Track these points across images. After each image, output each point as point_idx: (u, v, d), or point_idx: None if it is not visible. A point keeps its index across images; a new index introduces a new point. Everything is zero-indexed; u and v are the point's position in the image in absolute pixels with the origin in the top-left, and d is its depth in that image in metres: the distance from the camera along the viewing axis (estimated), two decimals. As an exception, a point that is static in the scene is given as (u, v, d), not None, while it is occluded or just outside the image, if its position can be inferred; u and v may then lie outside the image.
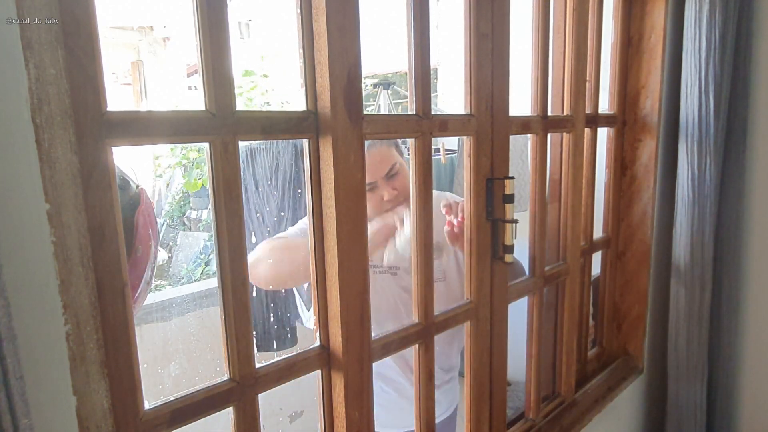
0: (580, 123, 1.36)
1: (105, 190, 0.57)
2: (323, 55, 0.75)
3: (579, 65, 1.33)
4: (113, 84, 7.89)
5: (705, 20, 1.53)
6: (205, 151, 0.67)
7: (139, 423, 0.62)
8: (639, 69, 1.65)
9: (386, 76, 5.39)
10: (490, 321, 1.12)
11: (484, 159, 1.05)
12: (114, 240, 0.58)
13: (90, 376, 0.56)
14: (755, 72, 1.70)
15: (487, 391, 1.15)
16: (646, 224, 1.71)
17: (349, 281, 0.82)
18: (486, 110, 1.04)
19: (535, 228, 1.27)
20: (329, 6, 0.74)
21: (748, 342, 1.86)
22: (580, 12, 1.31)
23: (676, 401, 1.78)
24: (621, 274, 1.78)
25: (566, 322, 1.43)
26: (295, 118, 0.75)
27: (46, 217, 0.52)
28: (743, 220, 1.78)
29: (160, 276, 6.06)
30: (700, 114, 1.60)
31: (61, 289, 0.53)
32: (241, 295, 0.71)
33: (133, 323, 0.62)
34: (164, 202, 6.45)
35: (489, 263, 1.09)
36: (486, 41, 1.02)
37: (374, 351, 0.88)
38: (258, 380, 0.74)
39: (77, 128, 0.54)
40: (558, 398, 1.47)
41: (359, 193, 0.81)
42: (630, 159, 1.71)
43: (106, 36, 8.03)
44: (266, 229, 2.46)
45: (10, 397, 0.44)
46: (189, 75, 8.12)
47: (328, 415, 0.87)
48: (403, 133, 0.93)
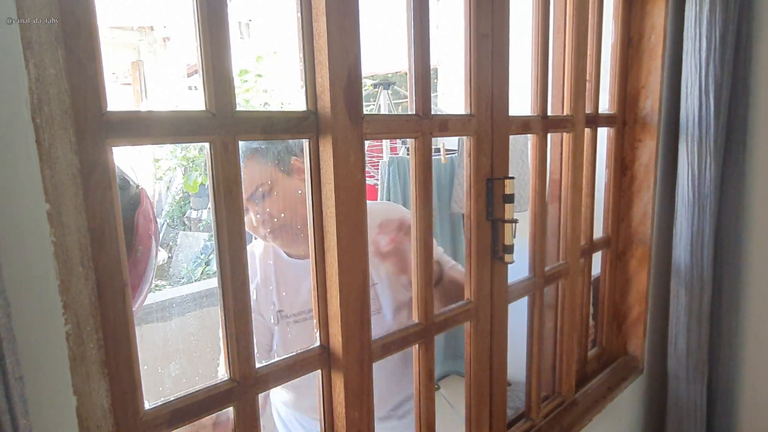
0: (580, 123, 1.36)
1: (105, 190, 0.57)
2: (323, 55, 0.75)
3: (579, 65, 1.33)
4: (113, 84, 7.88)
5: (705, 20, 1.53)
6: (205, 151, 0.67)
7: (139, 423, 0.62)
8: (639, 69, 1.65)
9: (386, 76, 5.39)
10: (490, 321, 1.12)
11: (484, 159, 1.05)
12: (114, 240, 0.58)
13: (90, 376, 0.56)
14: (755, 72, 1.70)
15: (487, 391, 1.15)
16: (646, 224, 1.71)
17: (349, 281, 0.82)
18: (486, 110, 1.04)
19: (535, 228, 1.27)
20: (329, 6, 0.74)
21: (748, 342, 1.86)
22: (580, 12, 1.31)
23: (676, 401, 1.78)
24: (621, 274, 1.78)
25: (566, 322, 1.43)
26: (295, 118, 0.75)
27: (46, 217, 0.52)
28: (743, 220, 1.78)
29: (160, 276, 6.06)
30: (700, 114, 1.60)
31: (61, 289, 0.53)
32: (241, 295, 0.71)
33: (133, 323, 0.62)
34: (164, 202, 6.45)
35: (489, 263, 1.09)
36: (486, 41, 1.02)
37: (374, 351, 0.88)
38: (258, 380, 0.74)
39: (77, 128, 0.54)
40: (558, 398, 1.47)
41: (359, 193, 0.81)
42: (630, 159, 1.71)
43: (106, 36, 8.03)
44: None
45: (10, 397, 0.44)
46: (189, 75, 8.11)
47: (328, 415, 0.87)
48: (403, 133, 0.93)
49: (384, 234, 1.07)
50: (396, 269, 1.09)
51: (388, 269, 1.16)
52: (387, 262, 1.09)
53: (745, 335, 1.86)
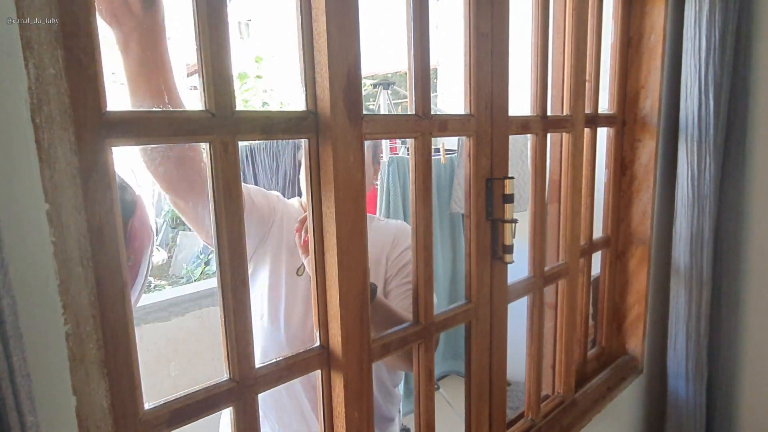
0: (579, 123, 1.36)
1: (105, 190, 0.57)
2: (323, 55, 0.75)
3: (579, 65, 1.33)
4: (113, 84, 7.88)
5: (705, 20, 1.53)
6: (205, 150, 0.67)
7: (138, 423, 0.62)
8: (639, 69, 1.65)
9: (386, 76, 5.39)
10: (490, 321, 1.12)
11: (483, 159, 1.05)
12: (114, 240, 0.58)
13: (90, 376, 0.56)
14: (755, 72, 1.70)
15: (487, 391, 1.15)
16: (646, 224, 1.71)
17: (349, 281, 0.82)
18: (486, 110, 1.04)
19: (534, 228, 1.27)
20: (329, 6, 0.74)
21: (748, 342, 1.86)
22: (579, 12, 1.31)
23: (676, 401, 1.78)
24: (621, 274, 1.79)
25: (566, 322, 1.43)
26: (294, 118, 0.75)
27: (46, 217, 0.52)
28: (743, 220, 1.78)
29: (161, 276, 6.06)
30: (700, 114, 1.60)
31: (61, 289, 0.53)
32: (241, 295, 0.71)
33: (133, 323, 0.62)
34: (164, 202, 6.46)
35: (489, 263, 1.09)
36: (486, 41, 1.02)
37: (374, 351, 0.88)
38: (258, 380, 0.74)
39: (77, 128, 0.54)
40: (558, 398, 1.47)
41: (359, 193, 0.81)
42: (630, 159, 1.71)
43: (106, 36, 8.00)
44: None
45: (17, 394, 0.45)
46: (189, 75, 8.10)
47: (328, 415, 0.87)
48: (402, 134, 0.93)
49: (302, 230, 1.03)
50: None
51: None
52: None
53: (745, 335, 1.86)
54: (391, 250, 1.22)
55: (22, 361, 0.45)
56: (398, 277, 1.20)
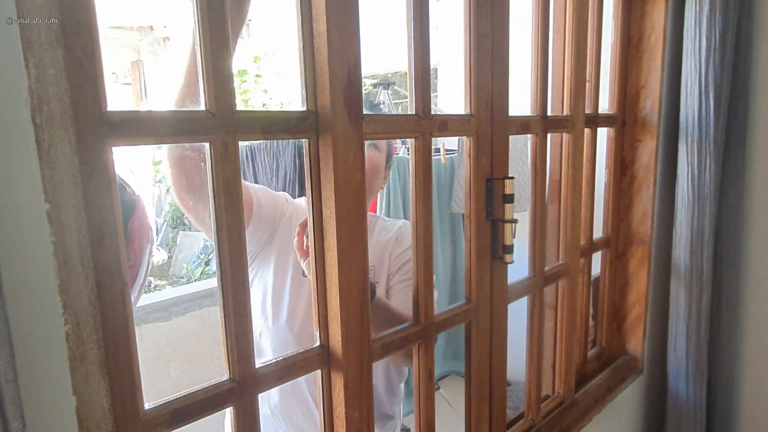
0: (579, 123, 1.36)
1: (105, 190, 0.57)
2: (323, 55, 0.75)
3: (579, 65, 1.33)
4: (113, 84, 7.88)
5: (705, 20, 1.53)
6: (205, 150, 0.67)
7: (138, 423, 0.62)
8: (639, 69, 1.65)
9: (386, 76, 5.39)
10: (490, 321, 1.12)
11: (483, 159, 1.05)
12: (114, 240, 0.58)
13: (90, 376, 0.56)
14: (755, 72, 1.70)
15: (487, 391, 1.15)
16: (646, 224, 1.71)
17: (349, 281, 0.82)
18: (486, 110, 1.04)
19: (534, 228, 1.27)
20: (329, 6, 0.74)
21: (748, 342, 1.86)
22: (580, 12, 1.31)
23: (676, 401, 1.78)
24: (621, 274, 1.78)
25: (566, 322, 1.43)
26: (294, 118, 0.75)
27: (46, 217, 0.52)
28: (743, 220, 1.78)
29: (161, 276, 6.06)
30: (700, 114, 1.60)
31: (61, 289, 0.53)
32: (241, 295, 0.71)
33: (133, 323, 0.62)
34: (164, 202, 6.46)
35: (489, 263, 1.09)
36: (486, 41, 1.02)
37: (374, 351, 0.88)
38: (258, 380, 0.74)
39: (77, 128, 0.54)
40: (558, 398, 1.47)
41: (359, 193, 0.81)
42: (630, 159, 1.71)
43: (106, 36, 8.02)
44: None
45: (1, 400, 0.44)
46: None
47: (328, 415, 0.87)
48: (402, 133, 0.93)
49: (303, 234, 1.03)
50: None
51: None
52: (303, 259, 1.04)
53: (745, 335, 1.86)
54: (394, 248, 1.24)
55: (8, 365, 0.45)
56: (399, 274, 1.22)
